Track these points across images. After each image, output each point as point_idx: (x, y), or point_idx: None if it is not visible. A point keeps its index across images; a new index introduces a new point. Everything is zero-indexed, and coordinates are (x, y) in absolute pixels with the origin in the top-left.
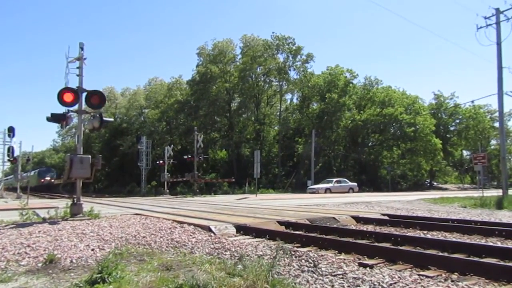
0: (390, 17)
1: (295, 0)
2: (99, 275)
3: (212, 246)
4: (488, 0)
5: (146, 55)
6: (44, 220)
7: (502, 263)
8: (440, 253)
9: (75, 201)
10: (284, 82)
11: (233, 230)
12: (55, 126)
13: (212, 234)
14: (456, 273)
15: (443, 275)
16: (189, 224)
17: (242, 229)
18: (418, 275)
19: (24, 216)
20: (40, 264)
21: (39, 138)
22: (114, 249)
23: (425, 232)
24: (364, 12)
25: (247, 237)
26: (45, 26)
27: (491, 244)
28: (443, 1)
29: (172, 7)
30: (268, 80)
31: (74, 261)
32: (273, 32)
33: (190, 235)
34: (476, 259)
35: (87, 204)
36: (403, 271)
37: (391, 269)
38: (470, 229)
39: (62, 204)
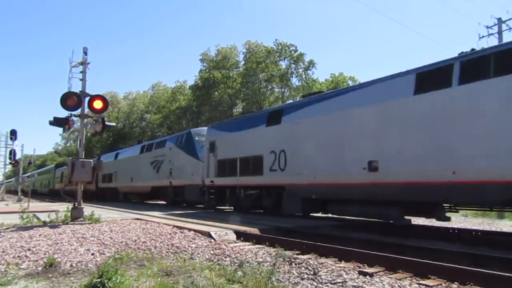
0: (392, 26)
1: (299, 8)
2: (99, 279)
3: (212, 252)
4: (490, 10)
5: (149, 59)
6: (44, 224)
7: (502, 273)
8: (441, 262)
9: (76, 205)
10: (286, 88)
11: (233, 236)
12: (58, 130)
13: (212, 240)
14: (456, 283)
15: (443, 284)
16: (189, 229)
17: (242, 235)
18: (418, 284)
19: (25, 220)
20: (40, 268)
21: (41, 141)
22: (114, 253)
23: (426, 241)
24: (367, 20)
25: (247, 243)
26: (49, 29)
27: (491, 254)
28: (444, 10)
29: (176, 13)
30: (270, 87)
31: (74, 265)
32: (276, 39)
33: (190, 241)
34: (476, 268)
35: (88, 208)
36: (403, 280)
37: (391, 277)
38: (471, 238)
39: (62, 207)
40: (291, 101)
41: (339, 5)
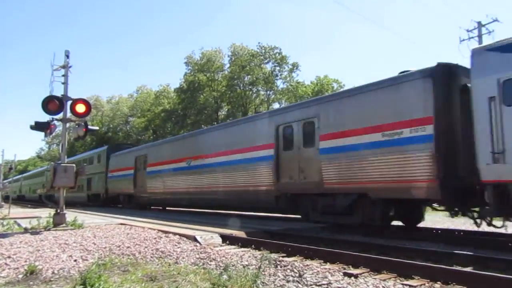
0: (377, 30)
1: (284, 14)
2: (82, 286)
3: (197, 256)
4: (470, 14)
5: (133, 63)
6: (25, 230)
7: (483, 272)
8: (424, 263)
9: (58, 211)
10: (272, 91)
11: (218, 240)
12: (40, 134)
13: (197, 244)
14: (439, 282)
15: (426, 284)
16: (175, 233)
17: (228, 239)
18: (402, 284)
19: (5, 226)
20: (20, 276)
21: (23, 146)
22: (97, 259)
23: (409, 241)
24: (352, 24)
25: (233, 247)
26: (30, 32)
27: (473, 253)
28: (427, 14)
29: (160, 17)
30: (255, 90)
31: (56, 272)
32: (259, 43)
33: (175, 245)
34: (458, 268)
35: (71, 213)
36: (387, 281)
37: (375, 278)
38: (454, 238)
39: (45, 213)
40: (277, 103)
41: (325, 10)
